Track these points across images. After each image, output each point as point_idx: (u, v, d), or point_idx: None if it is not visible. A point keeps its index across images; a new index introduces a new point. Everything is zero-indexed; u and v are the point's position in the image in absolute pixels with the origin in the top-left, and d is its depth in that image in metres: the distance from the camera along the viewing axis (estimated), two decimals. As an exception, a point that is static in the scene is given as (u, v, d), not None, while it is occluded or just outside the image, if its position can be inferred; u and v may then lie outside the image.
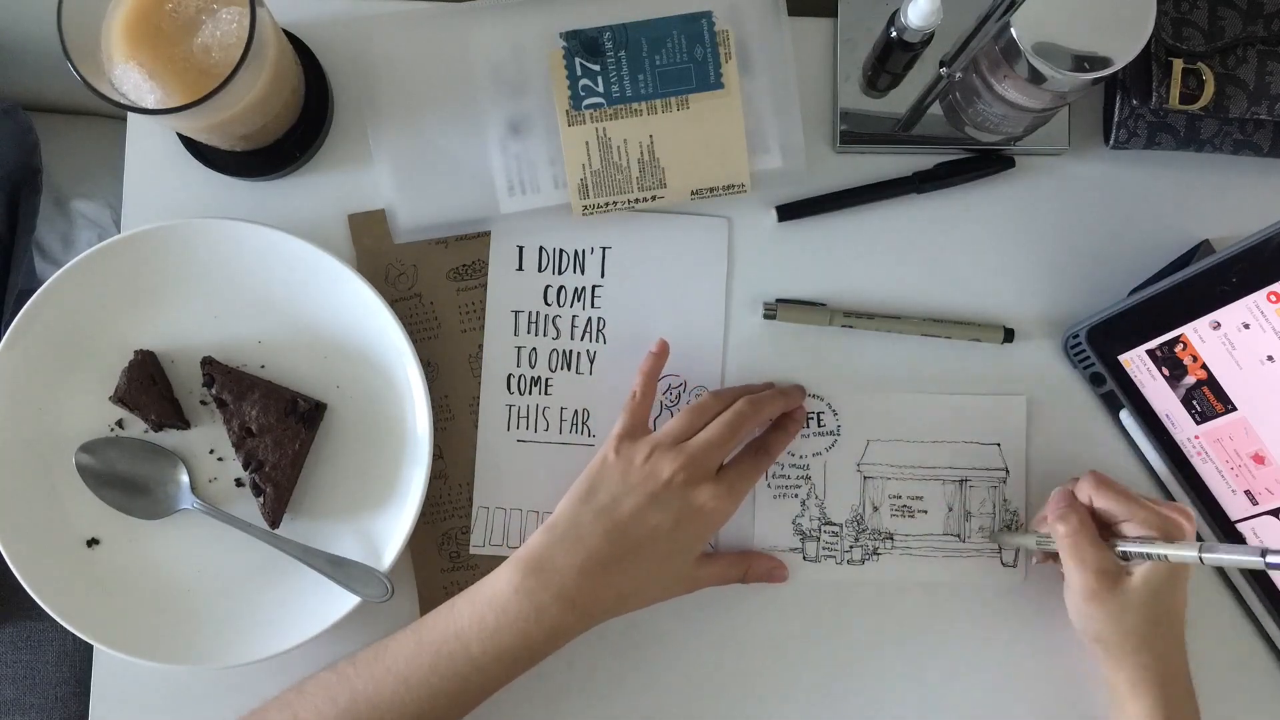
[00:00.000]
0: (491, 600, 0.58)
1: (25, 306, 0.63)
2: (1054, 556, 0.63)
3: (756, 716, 0.67)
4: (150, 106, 0.56)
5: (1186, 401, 0.62)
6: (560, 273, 0.68)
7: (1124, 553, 0.59)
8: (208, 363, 0.64)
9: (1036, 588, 0.68)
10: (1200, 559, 0.54)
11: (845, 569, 0.68)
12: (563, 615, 0.58)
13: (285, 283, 0.65)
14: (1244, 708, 0.68)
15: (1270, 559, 0.50)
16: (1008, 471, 0.68)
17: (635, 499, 0.59)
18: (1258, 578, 0.65)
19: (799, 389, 0.67)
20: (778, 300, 0.68)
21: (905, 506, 0.68)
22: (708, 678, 0.67)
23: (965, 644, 0.67)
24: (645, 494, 0.59)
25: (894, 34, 0.61)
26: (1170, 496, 0.67)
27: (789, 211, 0.68)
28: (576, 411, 0.68)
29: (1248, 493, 0.62)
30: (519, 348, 0.68)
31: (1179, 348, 0.61)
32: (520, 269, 0.68)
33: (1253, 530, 0.63)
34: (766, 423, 0.66)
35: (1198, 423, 0.63)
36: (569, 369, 0.68)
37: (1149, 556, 0.57)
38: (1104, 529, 0.60)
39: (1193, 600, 0.68)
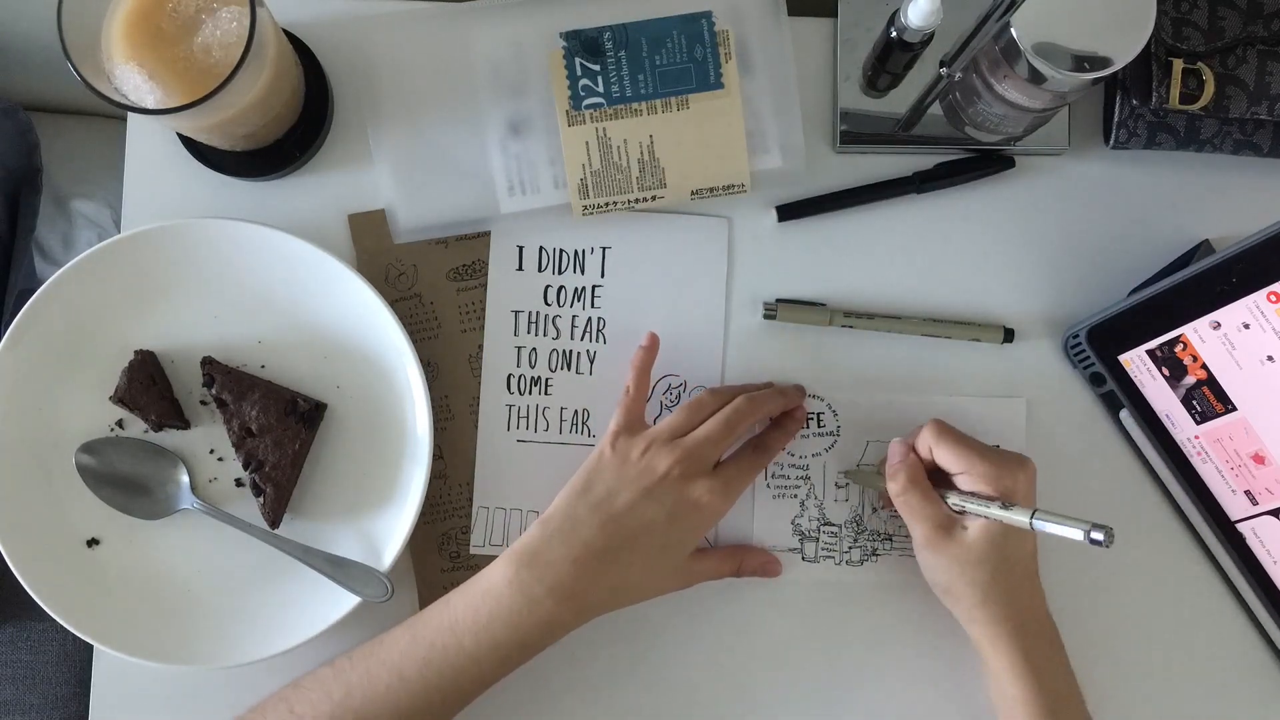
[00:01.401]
0: (485, 593, 0.59)
1: (25, 306, 0.63)
2: None
3: (754, 717, 0.67)
4: (150, 106, 0.56)
5: (1186, 401, 0.62)
6: (560, 273, 0.68)
7: (958, 508, 0.59)
8: (208, 363, 0.64)
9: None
10: (1030, 525, 0.55)
11: (844, 570, 0.68)
12: (557, 608, 0.58)
13: (285, 283, 0.65)
14: (1244, 708, 0.68)
15: (1094, 534, 0.52)
16: (1007, 472, 0.68)
17: (631, 493, 0.59)
18: (1258, 578, 0.65)
19: (798, 389, 0.67)
20: (778, 300, 0.68)
21: (905, 507, 0.68)
22: (706, 678, 0.67)
23: (962, 646, 0.67)
24: (640, 488, 0.59)
25: (894, 34, 0.61)
26: (1170, 496, 0.67)
27: (789, 211, 0.68)
28: (576, 411, 0.68)
29: (1248, 493, 0.62)
30: (519, 348, 0.68)
31: (1179, 348, 0.61)
32: (520, 269, 0.68)
33: (1253, 530, 0.63)
34: (765, 421, 0.66)
35: (1198, 423, 0.63)
36: (569, 369, 0.68)
37: (984, 515, 0.58)
38: (944, 477, 0.61)
39: (1192, 600, 0.68)
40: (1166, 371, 0.62)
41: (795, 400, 0.66)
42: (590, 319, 0.68)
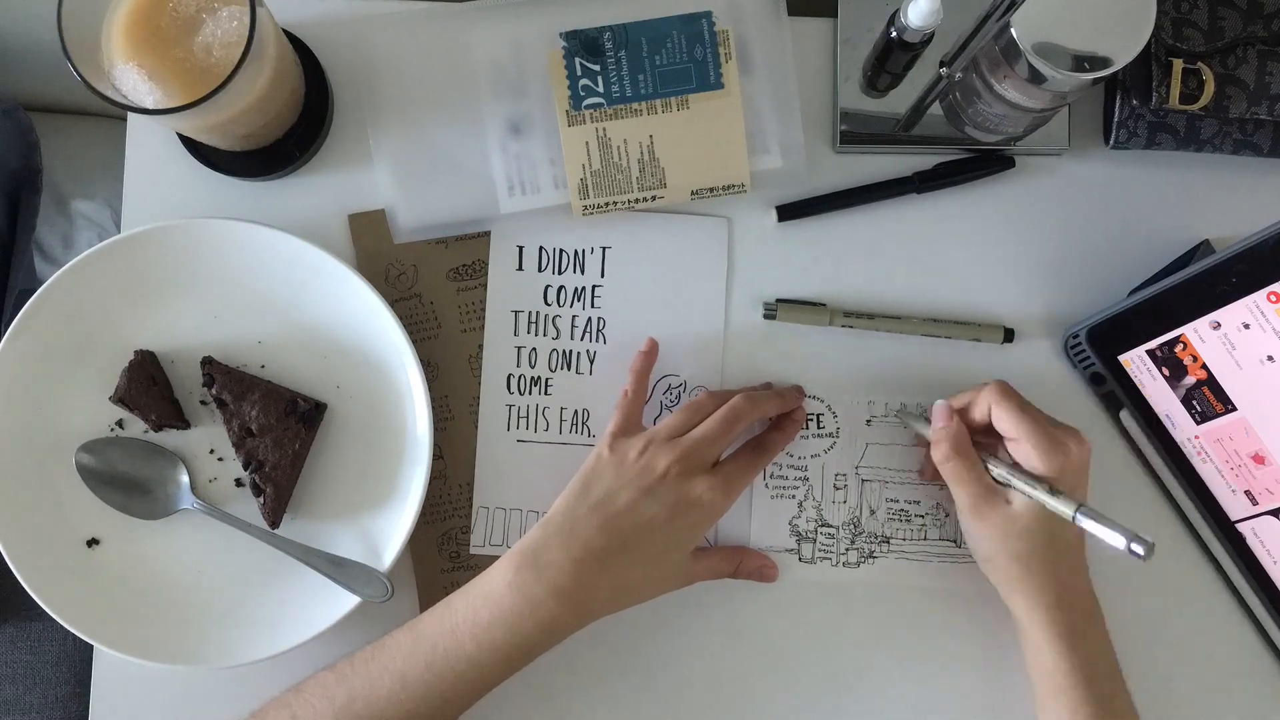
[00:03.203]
0: (486, 595, 0.58)
1: (25, 306, 0.63)
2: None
3: (751, 717, 0.67)
4: (150, 106, 0.56)
5: (1186, 401, 0.62)
6: (560, 273, 0.68)
7: (1004, 480, 0.59)
8: (208, 363, 0.64)
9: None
10: (1074, 518, 0.55)
11: (841, 571, 0.68)
12: (557, 609, 0.58)
13: (285, 283, 0.65)
14: (1244, 708, 0.68)
15: (1134, 546, 0.52)
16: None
17: (630, 493, 0.59)
18: (1258, 578, 0.65)
19: (797, 390, 0.67)
20: (778, 300, 0.68)
21: (902, 510, 0.68)
22: (703, 678, 0.67)
23: (960, 648, 0.67)
24: (640, 488, 0.60)
25: (894, 34, 0.61)
26: (1170, 496, 0.67)
27: (789, 211, 0.68)
28: (576, 411, 0.68)
29: (1248, 493, 0.62)
30: (519, 348, 0.68)
31: (1179, 348, 0.61)
32: (520, 269, 0.68)
33: (1253, 530, 0.63)
34: (765, 422, 0.66)
35: (1198, 423, 0.63)
36: (569, 369, 0.68)
37: (1029, 495, 0.58)
38: (989, 443, 0.62)
39: (1192, 599, 0.68)
40: (1166, 371, 0.62)
41: (794, 401, 0.66)
42: (590, 319, 0.68)
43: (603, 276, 0.68)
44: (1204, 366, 0.61)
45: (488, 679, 0.59)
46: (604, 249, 0.68)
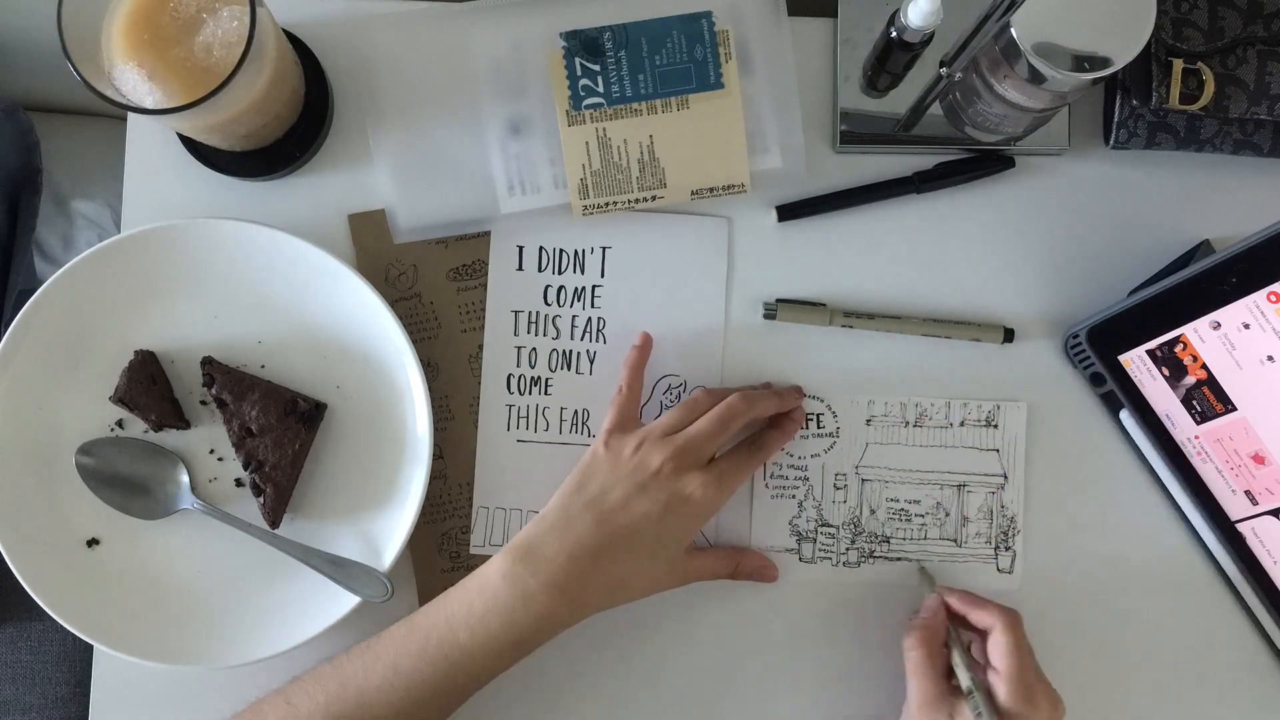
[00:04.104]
0: (481, 588, 0.59)
1: (25, 306, 0.63)
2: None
3: (750, 716, 0.67)
4: (150, 106, 0.56)
5: (1186, 401, 0.62)
6: (560, 273, 0.68)
7: (966, 689, 0.58)
8: (208, 363, 0.64)
9: (1031, 594, 0.68)
10: None
11: (841, 571, 0.68)
12: (551, 603, 0.58)
13: (285, 283, 0.65)
14: (1244, 708, 0.68)
15: None
16: (1006, 477, 0.68)
17: (624, 488, 0.60)
18: (1258, 578, 0.65)
19: (796, 390, 0.67)
20: (778, 300, 0.68)
21: (902, 510, 0.68)
22: (702, 677, 0.67)
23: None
24: (634, 484, 0.60)
25: (894, 34, 0.61)
26: (1170, 496, 0.67)
27: (789, 211, 0.68)
28: (576, 411, 0.68)
29: (1248, 493, 0.62)
30: (519, 348, 0.68)
31: (1179, 348, 0.61)
32: (520, 269, 0.68)
33: (1253, 530, 0.63)
34: (762, 421, 0.66)
35: (1198, 423, 0.63)
36: (569, 369, 0.68)
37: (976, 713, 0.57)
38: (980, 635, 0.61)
39: (1192, 599, 0.68)
40: (1166, 371, 0.62)
41: (792, 401, 0.66)
42: (590, 319, 0.68)
43: (603, 276, 0.68)
44: (1204, 366, 0.61)
45: (481, 672, 0.59)
46: (604, 249, 0.68)
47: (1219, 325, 0.59)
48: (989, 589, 0.67)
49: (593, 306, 0.68)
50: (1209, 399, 0.61)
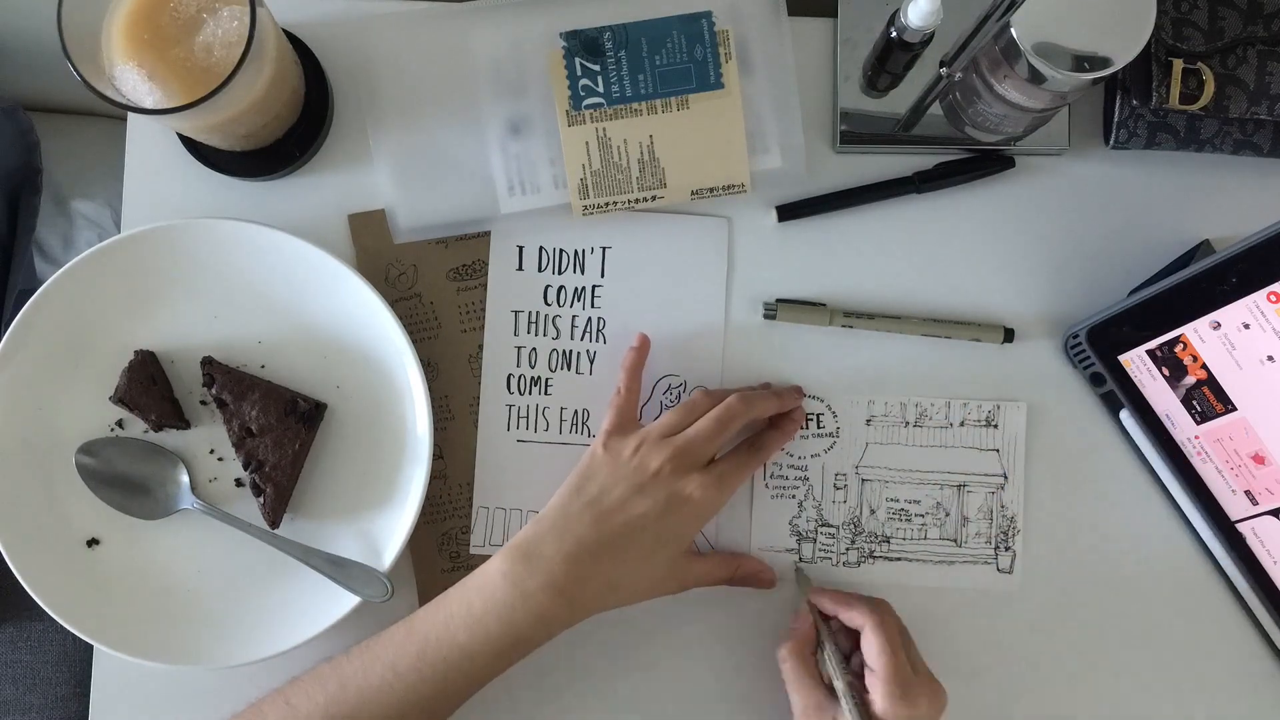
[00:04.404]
0: (480, 588, 0.59)
1: (25, 306, 0.63)
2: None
3: (751, 716, 0.67)
4: (150, 106, 0.56)
5: (1186, 401, 0.62)
6: (560, 273, 0.68)
7: (838, 690, 0.59)
8: (208, 363, 0.64)
9: (1032, 595, 0.68)
10: None
11: (841, 571, 0.68)
12: (549, 603, 0.58)
13: (285, 283, 0.65)
14: (1244, 708, 0.68)
15: None
16: (1006, 477, 0.68)
17: (622, 490, 0.60)
18: (1258, 578, 0.65)
19: (796, 391, 0.67)
20: (777, 300, 0.68)
21: (902, 510, 0.68)
22: (701, 677, 0.67)
23: (959, 649, 0.67)
24: (633, 484, 0.60)
25: (894, 34, 0.61)
26: (1170, 496, 0.67)
27: (789, 211, 0.68)
28: (576, 411, 0.68)
29: (1248, 493, 0.62)
30: (519, 348, 0.68)
31: (1179, 348, 0.61)
32: (520, 269, 0.68)
33: (1253, 530, 0.63)
34: (761, 422, 0.66)
35: (1198, 423, 0.63)
36: (569, 369, 0.68)
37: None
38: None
39: (1192, 599, 0.68)
40: (1166, 371, 0.62)
41: (791, 402, 0.66)
42: (590, 319, 0.68)
43: (603, 276, 0.68)
44: (1204, 366, 0.61)
45: (479, 672, 0.59)
46: (604, 249, 0.68)
47: (1219, 325, 0.59)
48: (989, 589, 0.67)
49: (593, 306, 0.68)
50: (1209, 399, 0.61)
